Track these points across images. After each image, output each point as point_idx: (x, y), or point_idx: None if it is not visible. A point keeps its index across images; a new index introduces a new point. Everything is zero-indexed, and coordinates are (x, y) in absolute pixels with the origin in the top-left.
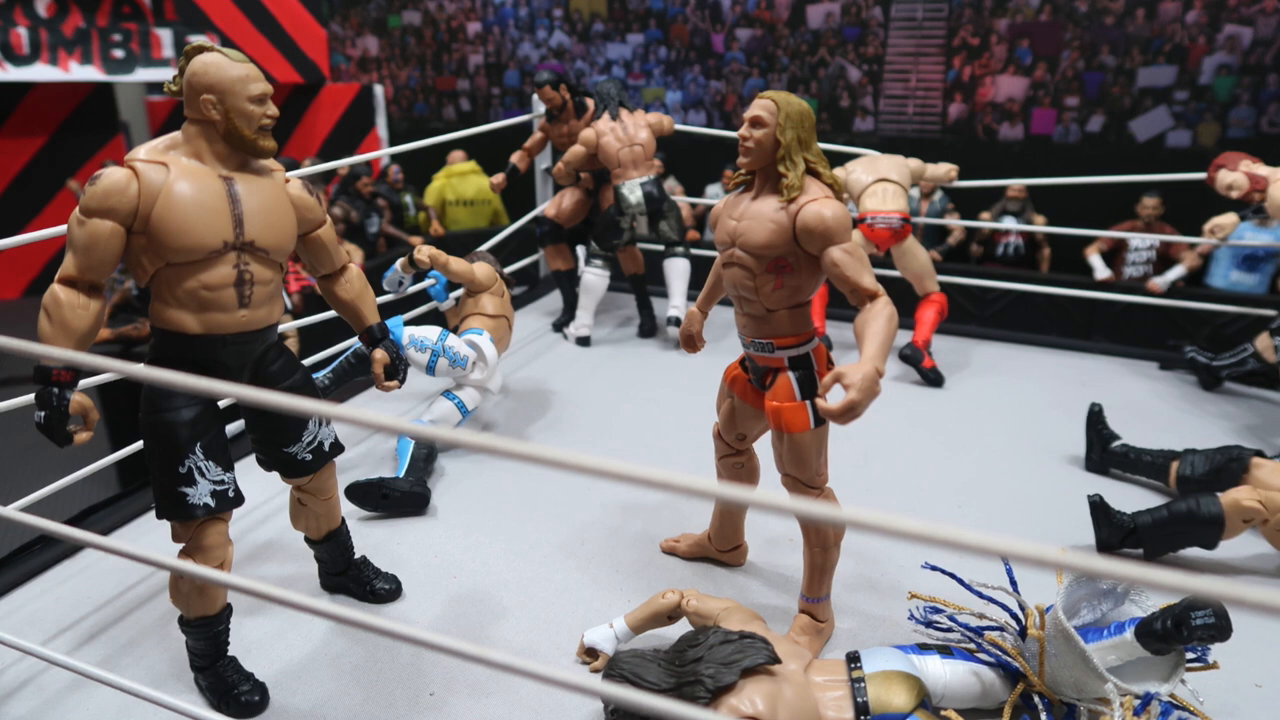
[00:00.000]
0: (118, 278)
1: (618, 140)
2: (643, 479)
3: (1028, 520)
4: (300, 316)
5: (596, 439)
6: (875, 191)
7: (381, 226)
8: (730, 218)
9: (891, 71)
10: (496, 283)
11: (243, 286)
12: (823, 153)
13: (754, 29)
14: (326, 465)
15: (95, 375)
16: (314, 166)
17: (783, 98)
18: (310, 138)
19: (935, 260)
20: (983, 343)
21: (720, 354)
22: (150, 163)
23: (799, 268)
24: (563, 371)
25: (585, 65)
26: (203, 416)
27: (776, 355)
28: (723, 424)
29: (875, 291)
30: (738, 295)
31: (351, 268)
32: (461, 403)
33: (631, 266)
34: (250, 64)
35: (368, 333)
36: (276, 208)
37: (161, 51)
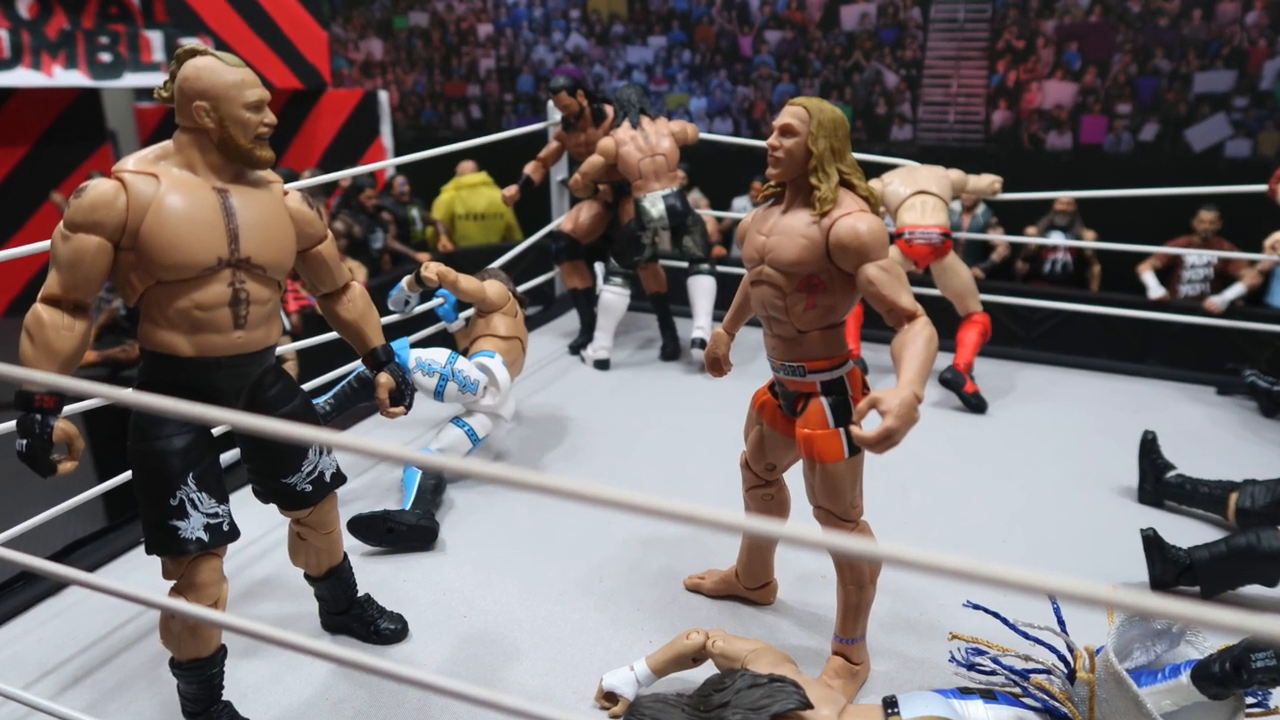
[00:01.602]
0: (105, 297)
1: (639, 150)
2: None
3: (1076, 555)
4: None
5: (616, 469)
6: (914, 205)
7: (386, 242)
8: (759, 233)
9: (931, 76)
10: (509, 302)
11: (238, 306)
12: (857, 163)
13: (784, 31)
14: (328, 497)
15: (81, 401)
16: (314, 178)
17: (815, 104)
18: (310, 147)
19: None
20: (1028, 366)
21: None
22: (139, 174)
23: (832, 286)
24: (580, 396)
25: (604, 70)
26: (195, 445)
27: (808, 379)
28: (751, 453)
29: (914, 311)
30: (767, 315)
31: (354, 286)
32: (472, 430)
33: (653, 285)
34: (246, 68)
35: (372, 355)
36: (274, 222)
37: (151, 55)
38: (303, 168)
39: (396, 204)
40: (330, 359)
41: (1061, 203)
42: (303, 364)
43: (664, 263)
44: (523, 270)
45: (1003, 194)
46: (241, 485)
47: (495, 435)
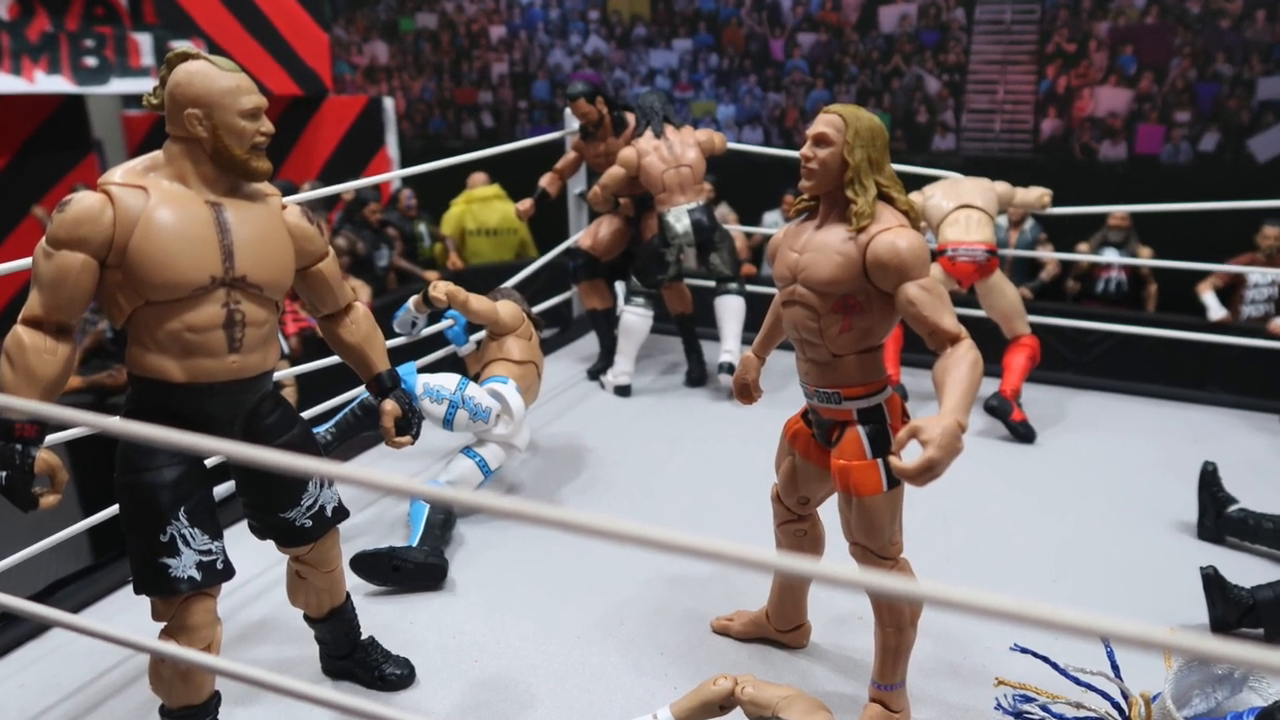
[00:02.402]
0: (90, 318)
1: (662, 161)
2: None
3: (1131, 595)
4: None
5: (637, 502)
6: (957, 219)
7: (392, 259)
8: (791, 249)
9: (976, 82)
10: (523, 324)
11: (233, 328)
12: (896, 175)
13: (818, 33)
14: (329, 533)
15: (64, 430)
16: (315, 191)
17: (851, 112)
18: (310, 158)
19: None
20: (1080, 392)
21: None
22: (127, 186)
23: (870, 307)
24: (599, 425)
25: (625, 75)
26: (187, 477)
27: (844, 407)
28: (782, 485)
29: (957, 334)
30: (800, 338)
31: (357, 307)
32: (483, 461)
33: (678, 305)
34: (241, 73)
35: (376, 381)
36: (271, 238)
37: (140, 59)
38: (302, 180)
39: (403, 219)
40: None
41: (1115, 217)
42: (302, 390)
43: (689, 282)
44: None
45: (1052, 208)
46: (236, 520)
47: (508, 466)
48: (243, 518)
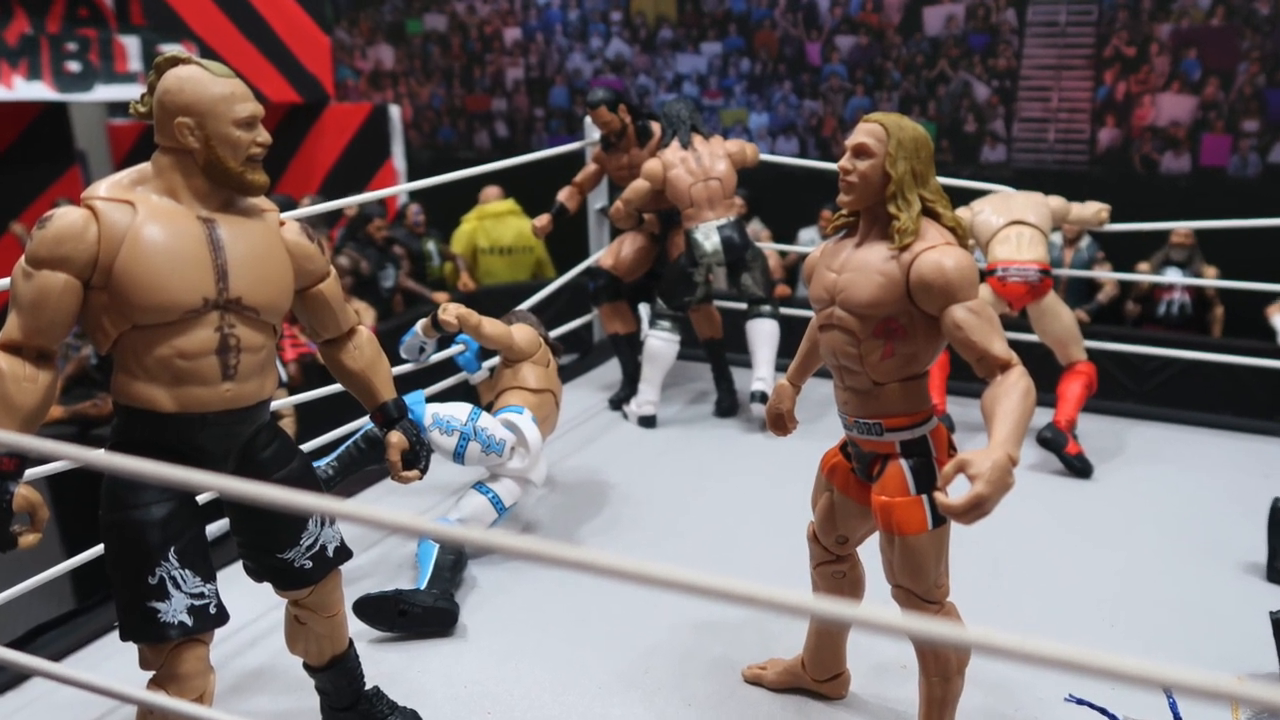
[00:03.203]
0: (73, 343)
1: (690, 173)
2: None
3: (1195, 641)
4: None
5: (663, 542)
6: (1008, 237)
7: (398, 280)
8: (829, 269)
9: (1028, 89)
10: (540, 350)
11: (227, 354)
12: (942, 189)
13: (858, 36)
14: (330, 575)
15: (45, 464)
16: (315, 206)
17: (894, 121)
18: (310, 170)
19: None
20: (1141, 423)
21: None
22: (113, 201)
23: (913, 331)
24: (622, 459)
25: (650, 81)
26: (178, 515)
27: (886, 439)
28: (819, 524)
29: (1007, 360)
30: (838, 365)
31: (361, 331)
32: (497, 497)
33: (707, 329)
34: (236, 79)
35: (381, 411)
36: (268, 257)
37: (126, 64)
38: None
39: (410, 236)
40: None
41: (1179, 235)
42: (301, 421)
43: (719, 304)
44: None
45: (1111, 224)
46: (231, 561)
47: (524, 503)
48: (237, 558)
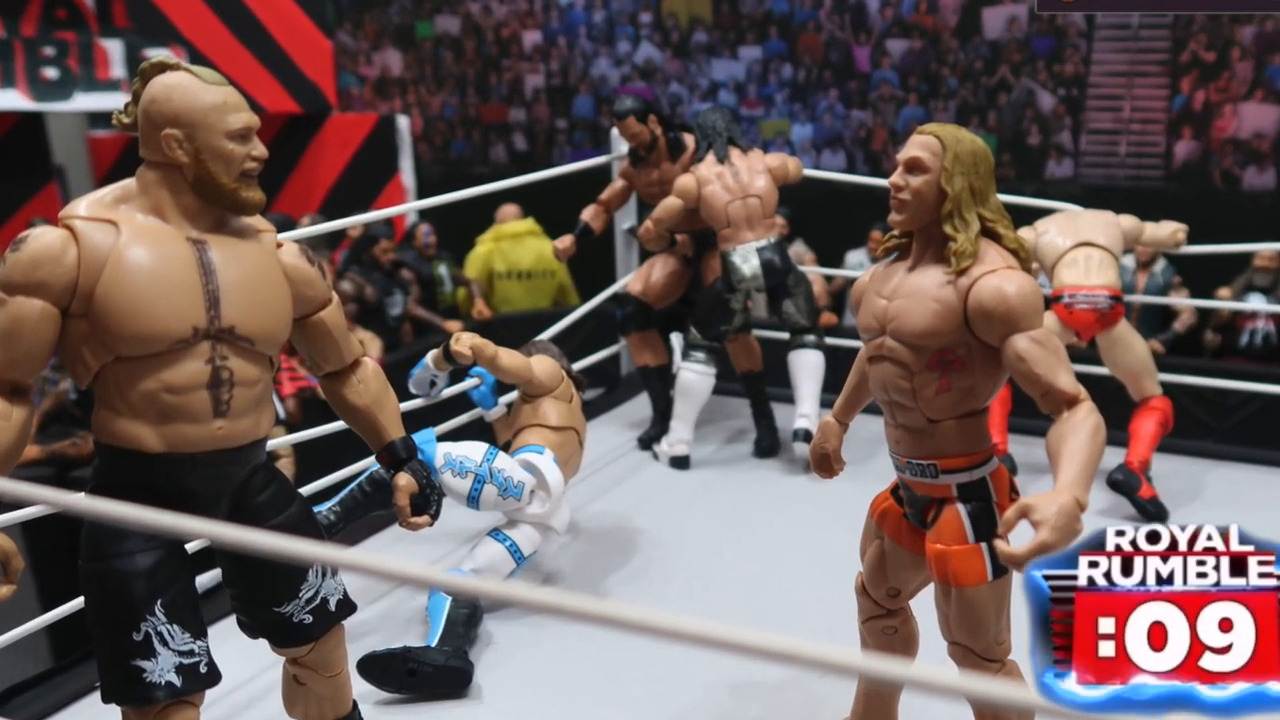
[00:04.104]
0: (50, 376)
1: (726, 190)
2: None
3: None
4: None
5: (697, 593)
6: (1075, 260)
7: (407, 307)
8: (879, 295)
9: (1097, 97)
10: (562, 384)
11: (219, 388)
12: (1003, 208)
13: (911, 40)
14: (332, 630)
15: (19, 508)
16: (316, 226)
17: (950, 133)
18: (311, 187)
19: (1157, 352)
20: (1221, 464)
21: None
22: (94, 221)
23: (971, 363)
24: (652, 503)
25: (683, 89)
26: (165, 564)
27: (941, 482)
28: (868, 575)
29: (1075, 395)
30: (889, 400)
31: (366, 363)
32: (515, 546)
33: (745, 362)
34: (229, 87)
35: (388, 451)
36: (264, 282)
37: (109, 70)
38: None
39: (419, 259)
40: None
41: (1262, 257)
42: (301, 462)
43: (758, 334)
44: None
45: (1188, 246)
46: (224, 615)
47: (545, 552)
48: (230, 612)
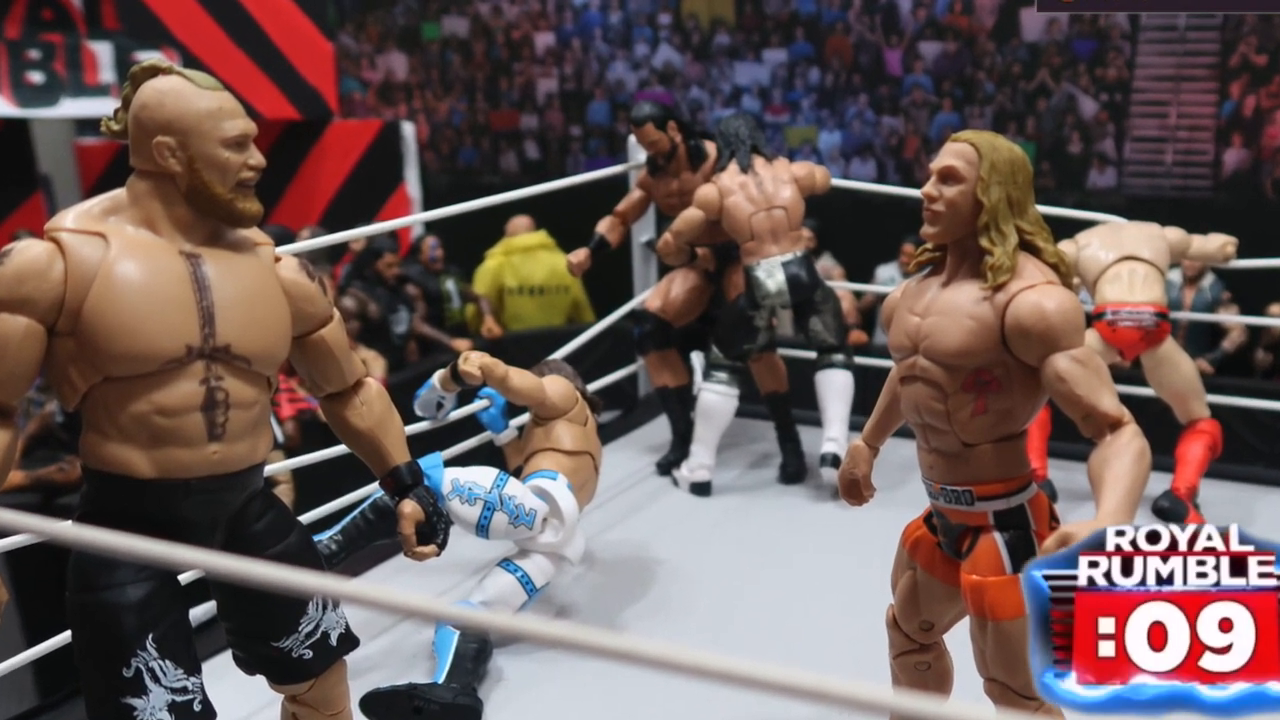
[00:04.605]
0: (35, 398)
1: (750, 201)
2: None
3: None
4: (296, 453)
5: (719, 627)
6: (1118, 275)
7: (412, 324)
8: (911, 312)
9: (1142, 103)
10: (576, 405)
11: (214, 411)
12: (1043, 219)
13: (945, 42)
14: (334, 666)
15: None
16: (317, 239)
17: (986, 141)
18: (311, 198)
19: (1204, 372)
20: (1273, 490)
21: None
22: (82, 234)
23: (1008, 384)
24: (671, 531)
25: (704, 94)
26: (157, 596)
27: (977, 509)
28: (900, 607)
29: (1118, 418)
30: (922, 423)
31: (369, 384)
32: (526, 577)
33: (770, 382)
34: (224, 92)
35: (393, 476)
36: (262, 298)
37: (97, 74)
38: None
39: (426, 274)
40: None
41: None
42: (300, 488)
43: (783, 353)
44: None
45: (1237, 260)
46: (219, 650)
47: (558, 583)
48: (226, 647)
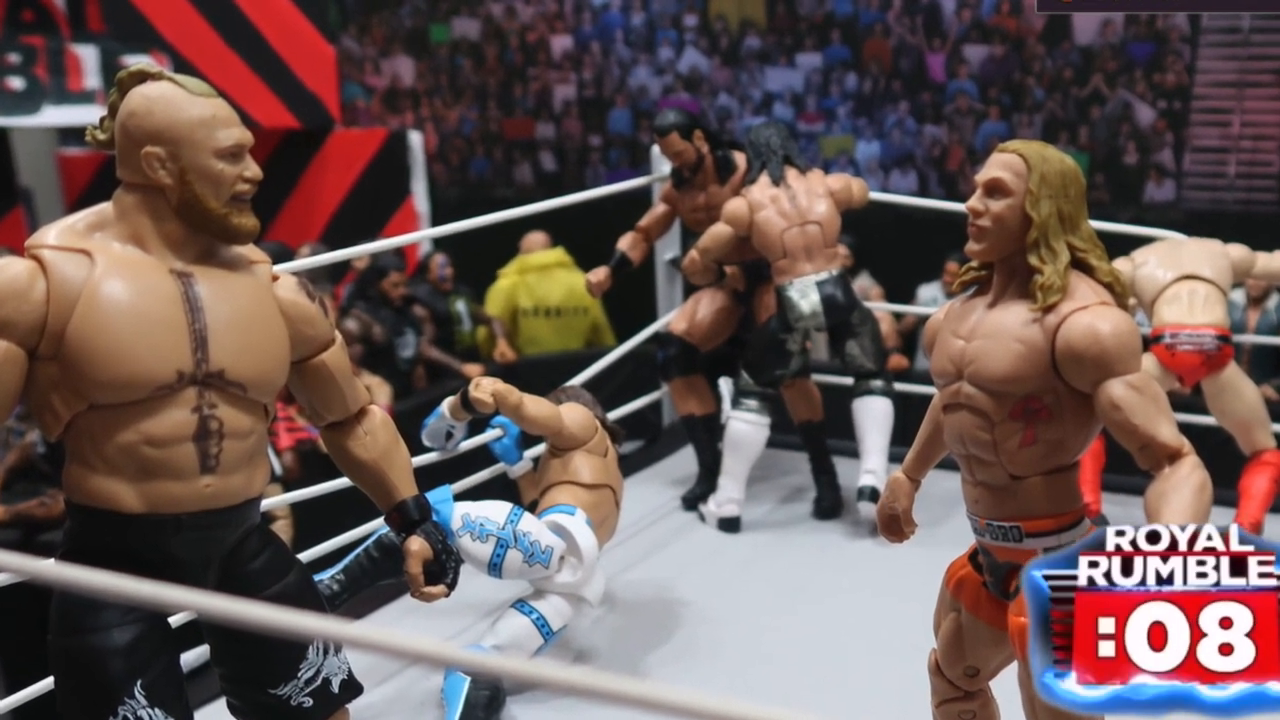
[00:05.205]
0: (15, 427)
1: (782, 216)
2: None
3: None
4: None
5: (749, 673)
6: (1178, 295)
7: (420, 348)
8: (955, 335)
9: (1203, 111)
10: (596, 435)
11: (206, 441)
12: (1096, 236)
13: (991, 45)
14: (335, 714)
15: None
16: (318, 256)
17: (1036, 152)
18: (311, 212)
19: (1270, 399)
20: None
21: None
22: (65, 251)
23: (1060, 412)
24: (697, 570)
25: (732, 101)
26: (146, 640)
27: (1026, 546)
28: (943, 652)
29: (1177, 448)
30: (967, 454)
31: (374, 412)
32: (542, 619)
33: (804, 410)
34: (218, 99)
35: (399, 511)
36: (258, 320)
37: (82, 80)
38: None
39: (434, 294)
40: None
41: None
42: (299, 524)
43: (818, 378)
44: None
45: None
46: (212, 697)
47: (576, 626)
48: (220, 694)
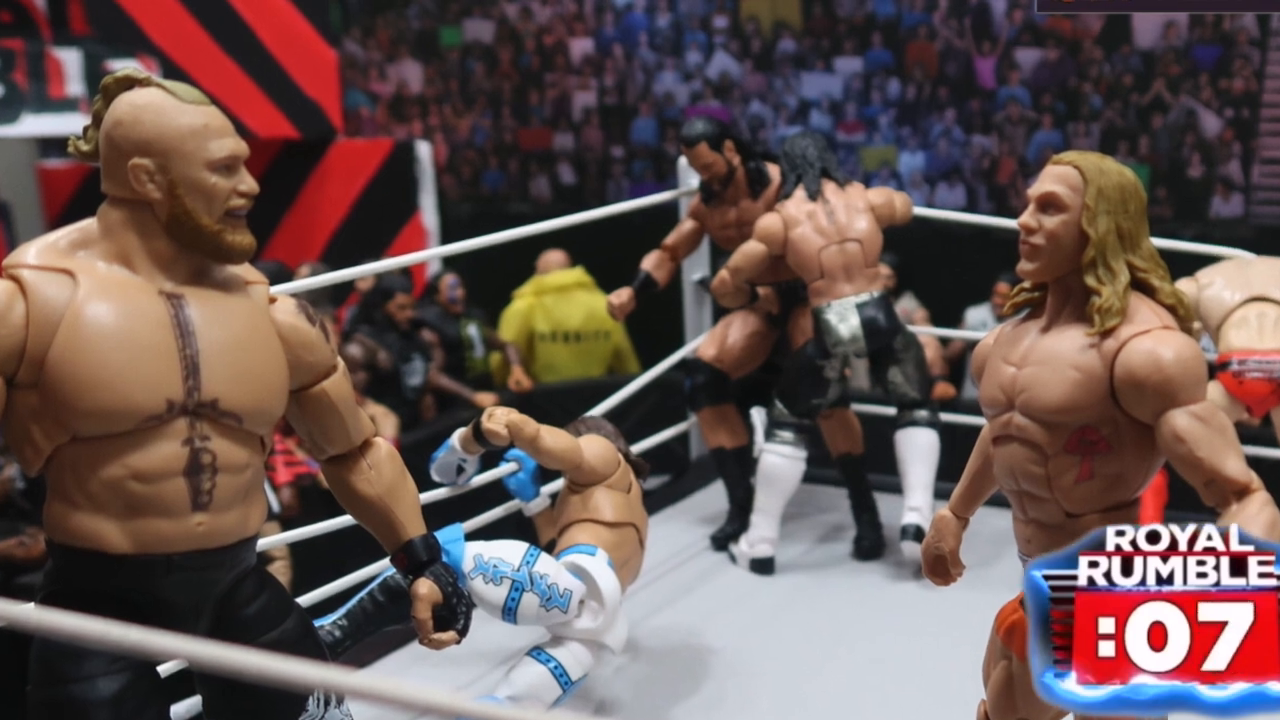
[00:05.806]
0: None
1: (820, 233)
2: None
3: None
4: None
5: None
6: (1246, 319)
7: (428, 376)
8: (1006, 362)
9: (1273, 120)
10: (618, 469)
11: (199, 476)
12: (1158, 254)
13: (1045, 49)
14: None
15: None
16: (318, 277)
17: (1093, 164)
18: (311, 229)
19: None
20: None
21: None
22: (46, 271)
23: (1119, 444)
24: (728, 615)
25: (766, 109)
26: (133, 691)
27: None
28: (993, 702)
29: (1245, 484)
30: (1018, 490)
31: (379, 444)
32: (561, 668)
33: (843, 443)
34: (211, 107)
35: (406, 551)
36: (254, 345)
37: (64, 87)
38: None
39: (444, 317)
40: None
41: None
42: (298, 565)
43: (858, 408)
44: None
45: None
46: None
47: (597, 675)
48: None
